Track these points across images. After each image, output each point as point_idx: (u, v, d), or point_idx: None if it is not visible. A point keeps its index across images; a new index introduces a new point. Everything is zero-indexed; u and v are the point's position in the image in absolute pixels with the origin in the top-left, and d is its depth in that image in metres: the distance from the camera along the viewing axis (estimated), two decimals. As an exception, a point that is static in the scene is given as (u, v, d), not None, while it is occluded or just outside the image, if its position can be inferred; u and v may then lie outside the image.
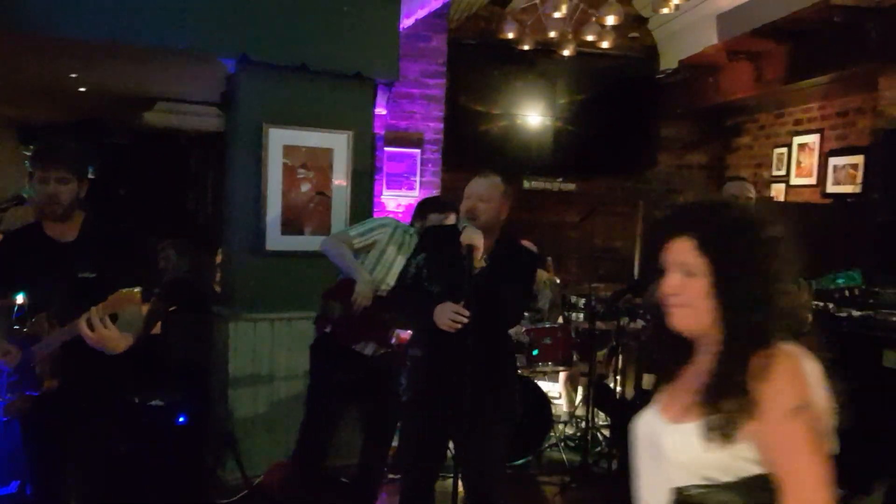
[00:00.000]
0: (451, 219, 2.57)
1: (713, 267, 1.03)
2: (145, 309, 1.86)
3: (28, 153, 1.93)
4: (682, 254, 1.05)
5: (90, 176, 1.95)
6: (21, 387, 1.86)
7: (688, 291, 1.04)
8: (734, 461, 0.98)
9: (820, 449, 0.98)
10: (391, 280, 2.53)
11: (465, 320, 1.88)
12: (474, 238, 1.94)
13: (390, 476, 2.86)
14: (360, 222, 2.72)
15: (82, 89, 4.49)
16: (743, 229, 1.03)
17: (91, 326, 1.67)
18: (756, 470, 0.98)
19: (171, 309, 3.39)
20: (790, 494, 0.96)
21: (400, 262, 2.54)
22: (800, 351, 1.01)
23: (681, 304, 1.05)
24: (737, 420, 0.97)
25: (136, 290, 1.68)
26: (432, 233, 2.28)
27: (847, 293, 2.19)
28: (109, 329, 1.69)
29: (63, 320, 1.79)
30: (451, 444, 2.22)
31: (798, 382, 0.98)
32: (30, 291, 1.89)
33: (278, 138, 3.18)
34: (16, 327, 1.89)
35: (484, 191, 2.02)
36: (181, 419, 2.92)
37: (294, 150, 3.22)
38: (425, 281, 2.09)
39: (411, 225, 2.66)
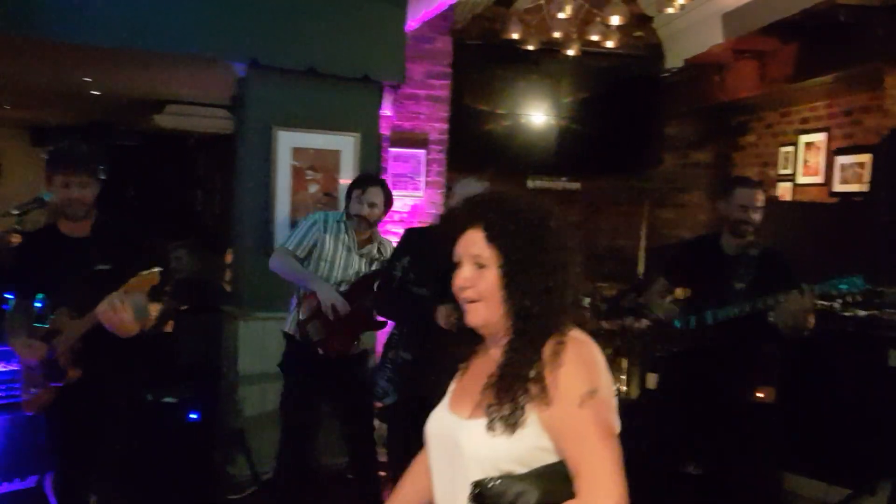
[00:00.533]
0: (371, 192, 2.53)
1: (501, 256, 1.04)
2: (155, 308, 1.92)
3: (45, 156, 2.00)
4: (473, 245, 1.06)
5: (102, 177, 2.02)
6: (45, 379, 1.93)
7: (480, 283, 1.05)
8: (530, 452, 0.98)
9: (610, 433, 0.98)
10: (338, 274, 2.53)
11: None
12: None
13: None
14: (292, 231, 2.69)
15: (95, 92, 4.56)
16: (529, 219, 1.05)
17: (114, 308, 1.75)
18: (551, 459, 0.98)
19: (182, 308, 3.47)
20: (583, 478, 0.95)
21: (342, 252, 2.54)
22: (587, 338, 1.03)
23: (475, 298, 1.06)
24: (526, 409, 0.97)
25: (156, 269, 1.75)
26: (416, 235, 2.28)
27: (850, 299, 2.20)
28: (127, 311, 1.77)
29: (82, 312, 1.87)
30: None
31: (588, 368, 0.99)
32: (50, 288, 1.96)
33: (287, 140, 3.23)
34: (36, 325, 1.96)
35: None
36: (193, 416, 2.98)
37: (302, 152, 3.27)
38: (412, 284, 2.09)
39: (346, 208, 2.64)
